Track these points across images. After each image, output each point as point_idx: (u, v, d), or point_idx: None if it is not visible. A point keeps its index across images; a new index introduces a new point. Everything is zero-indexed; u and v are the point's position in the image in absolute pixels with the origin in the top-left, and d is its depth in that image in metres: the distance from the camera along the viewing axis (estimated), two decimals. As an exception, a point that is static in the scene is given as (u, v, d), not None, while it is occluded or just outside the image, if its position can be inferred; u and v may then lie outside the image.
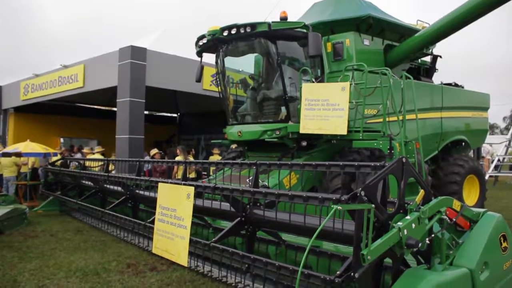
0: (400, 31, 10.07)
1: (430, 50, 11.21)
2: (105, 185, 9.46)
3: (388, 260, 3.77)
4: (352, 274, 3.41)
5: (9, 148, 14.96)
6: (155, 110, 27.29)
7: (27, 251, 7.84)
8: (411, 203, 3.81)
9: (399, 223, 3.58)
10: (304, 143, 8.39)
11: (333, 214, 3.41)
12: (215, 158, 14.61)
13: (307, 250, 3.24)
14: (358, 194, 3.41)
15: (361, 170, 4.37)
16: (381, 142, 7.58)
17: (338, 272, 3.53)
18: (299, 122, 8.16)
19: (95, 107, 25.64)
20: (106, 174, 9.22)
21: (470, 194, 10.66)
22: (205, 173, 12.42)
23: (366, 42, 9.44)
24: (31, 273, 6.46)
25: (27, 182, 14.54)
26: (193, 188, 5.35)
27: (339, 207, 3.30)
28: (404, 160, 3.83)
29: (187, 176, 6.70)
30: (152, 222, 6.27)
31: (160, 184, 6.08)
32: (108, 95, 18.12)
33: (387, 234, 3.49)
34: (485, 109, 12.39)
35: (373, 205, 3.37)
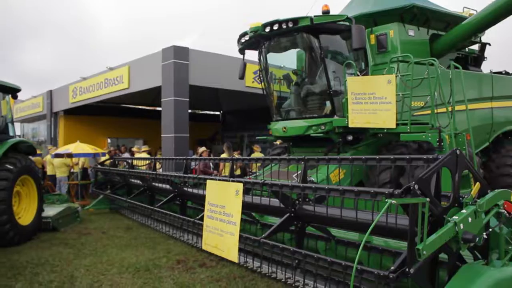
0: (446, 20, 9.77)
1: (479, 38, 10.83)
2: (154, 183, 9.63)
3: (443, 256, 3.69)
4: (407, 269, 3.35)
5: (61, 149, 15.48)
6: (198, 109, 27.60)
7: (81, 248, 8.12)
8: (466, 197, 3.72)
9: (455, 217, 3.50)
10: (350, 138, 8.29)
11: (387, 209, 3.35)
12: (256, 155, 14.65)
13: (362, 246, 3.20)
14: (411, 187, 3.34)
15: (413, 163, 4.27)
16: (429, 135, 7.39)
17: (392, 268, 3.48)
18: (344, 117, 8.08)
19: (140, 107, 26.21)
20: (155, 172, 9.39)
21: (524, 187, 10.26)
22: (249, 169, 12.49)
23: (411, 33, 9.21)
24: (86, 269, 6.69)
25: (78, 181, 15.02)
26: (241, 184, 5.38)
27: (393, 201, 3.25)
28: (458, 152, 3.73)
29: (234, 172, 6.76)
30: (201, 219, 6.33)
31: (208, 181, 6.14)
32: (152, 95, 18.48)
33: (442, 229, 3.42)
34: (539, 97, 11.87)
35: (427, 199, 3.30)
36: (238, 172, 12.92)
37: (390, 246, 4.97)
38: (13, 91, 9.32)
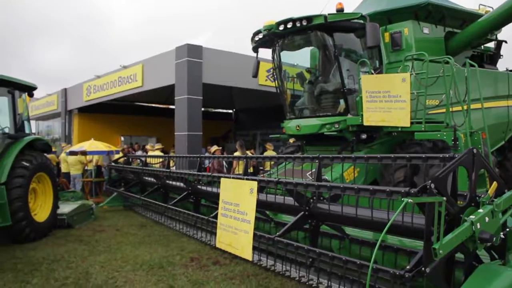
0: (462, 17, 9.67)
1: (495, 36, 10.70)
2: (167, 181, 9.68)
3: (459, 256, 3.66)
4: (423, 268, 3.33)
5: (75, 147, 15.63)
6: (210, 107, 27.68)
7: (95, 245, 8.19)
8: (483, 196, 3.69)
9: (472, 217, 3.48)
10: (364, 136, 8.26)
11: (403, 208, 3.34)
12: (269, 153, 14.64)
13: (378, 245, 3.20)
14: (428, 186, 3.32)
15: (429, 162, 4.25)
16: (445, 133, 7.34)
17: (408, 267, 3.46)
18: (358, 115, 8.05)
19: (153, 105, 26.35)
20: (169, 170, 9.44)
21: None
22: (262, 167, 12.48)
23: (426, 30, 9.14)
24: (101, 265, 6.75)
25: (93, 179, 15.15)
26: (256, 182, 5.38)
27: (410, 200, 3.23)
28: (475, 151, 3.70)
29: (248, 171, 6.77)
30: (215, 217, 6.35)
31: (222, 179, 6.15)
32: (166, 93, 18.55)
33: (459, 228, 3.40)
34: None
35: (444, 198, 3.28)
36: (250, 170, 12.92)
37: (404, 245, 4.95)
38: (29, 89, 9.42)
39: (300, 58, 10.02)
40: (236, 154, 13.05)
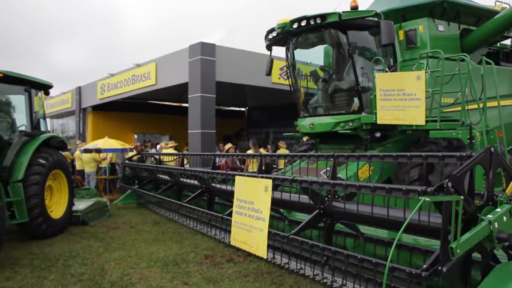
0: (477, 14, 9.58)
1: (511, 33, 10.58)
2: (181, 179, 9.72)
3: (476, 255, 3.64)
4: (439, 268, 3.32)
5: (90, 145, 15.76)
6: (223, 105, 27.74)
7: (110, 242, 8.27)
8: (500, 195, 3.66)
9: (489, 216, 3.46)
10: (378, 134, 8.22)
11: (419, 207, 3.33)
12: (282, 151, 14.61)
13: (395, 244, 3.19)
14: (445, 185, 3.31)
15: (445, 160, 4.22)
16: (460, 132, 7.29)
17: (424, 266, 3.44)
18: (372, 113, 8.02)
19: (166, 103, 26.44)
20: (183, 168, 9.48)
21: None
22: (275, 166, 12.46)
23: (441, 28, 9.07)
24: (116, 262, 6.81)
25: (107, 176, 15.27)
26: (271, 180, 5.38)
27: (427, 199, 3.22)
28: (492, 149, 3.67)
29: (262, 169, 6.77)
30: (230, 214, 6.37)
31: (237, 177, 6.16)
32: (179, 91, 18.62)
33: (476, 227, 3.39)
34: None
35: (462, 197, 3.26)
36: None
37: (419, 244, 4.92)
38: (45, 88, 9.52)
39: (314, 56, 10.00)
40: (250, 152, 13.06)
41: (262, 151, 14.40)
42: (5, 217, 6.82)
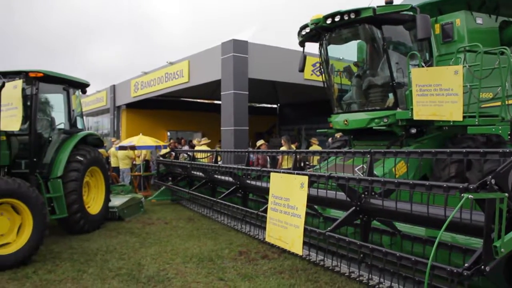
0: (518, 6, 9.29)
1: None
2: (215, 176, 9.80)
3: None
4: (482, 267, 3.25)
5: (125, 142, 16.04)
6: (255, 102, 27.76)
7: (146, 237, 8.41)
8: (546, 193, 3.54)
9: (535, 214, 3.35)
10: (413, 131, 8.08)
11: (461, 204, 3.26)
12: (314, 148, 14.55)
13: (437, 242, 3.14)
14: (488, 182, 3.23)
15: (487, 157, 4.12)
16: (500, 127, 7.07)
17: (466, 265, 3.38)
18: (407, 109, 7.88)
19: (199, 100, 26.65)
20: (218, 165, 9.54)
21: None
22: (308, 162, 12.42)
23: (479, 21, 8.82)
24: (152, 257, 6.95)
25: (141, 173, 15.52)
26: (307, 177, 5.36)
27: (470, 196, 3.15)
28: (537, 146, 3.57)
29: (297, 165, 6.76)
30: (265, 211, 6.38)
31: (272, 174, 6.16)
32: (211, 88, 18.73)
33: (522, 226, 3.29)
34: None
35: (506, 194, 3.18)
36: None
37: (458, 242, 4.81)
38: (82, 86, 9.74)
39: (347, 51, 9.89)
40: (282, 149, 13.06)
41: (293, 147, 14.36)
42: (46, 213, 7.01)
